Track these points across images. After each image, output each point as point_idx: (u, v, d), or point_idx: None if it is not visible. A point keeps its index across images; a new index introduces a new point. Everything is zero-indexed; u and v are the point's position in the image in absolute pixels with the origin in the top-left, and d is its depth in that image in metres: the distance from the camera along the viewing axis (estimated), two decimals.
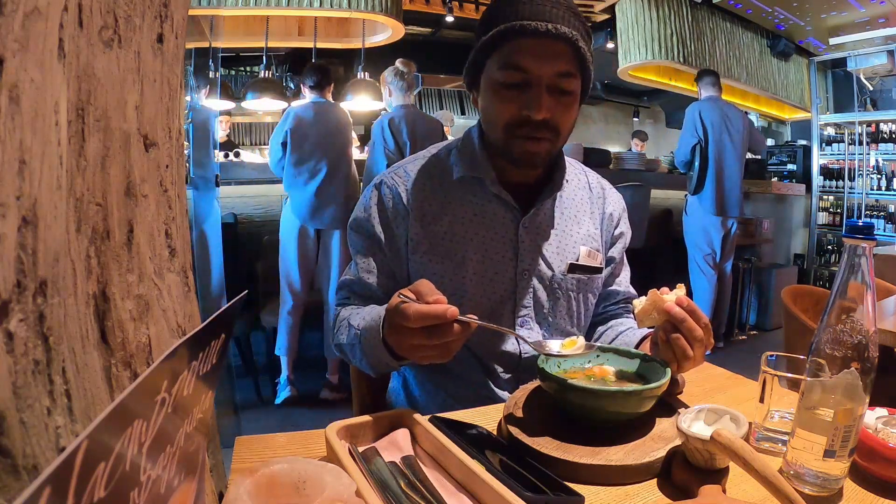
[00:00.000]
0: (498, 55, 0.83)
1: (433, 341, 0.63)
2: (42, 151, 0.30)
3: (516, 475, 0.53)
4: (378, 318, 0.73)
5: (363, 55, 3.68)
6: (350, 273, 0.94)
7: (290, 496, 0.44)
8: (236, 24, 3.55)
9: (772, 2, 4.42)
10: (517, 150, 0.85)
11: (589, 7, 4.86)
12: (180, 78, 0.51)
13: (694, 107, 3.38)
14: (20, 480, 0.27)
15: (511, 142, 0.85)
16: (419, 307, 0.62)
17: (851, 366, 0.52)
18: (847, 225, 0.55)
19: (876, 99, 5.17)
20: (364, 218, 0.92)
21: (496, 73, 0.83)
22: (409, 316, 0.62)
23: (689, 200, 3.52)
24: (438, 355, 0.65)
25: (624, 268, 1.04)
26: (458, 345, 0.65)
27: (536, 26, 0.78)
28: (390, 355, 0.72)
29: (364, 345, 0.77)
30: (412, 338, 0.64)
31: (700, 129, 3.31)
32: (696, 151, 3.34)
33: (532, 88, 0.81)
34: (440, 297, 0.63)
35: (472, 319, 0.63)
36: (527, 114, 0.81)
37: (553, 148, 0.86)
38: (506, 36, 0.80)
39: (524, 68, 0.81)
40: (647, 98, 7.27)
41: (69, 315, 0.33)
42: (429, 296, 0.64)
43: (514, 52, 0.81)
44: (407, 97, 2.73)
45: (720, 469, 0.56)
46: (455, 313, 0.61)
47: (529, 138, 0.83)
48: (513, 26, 0.79)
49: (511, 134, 0.84)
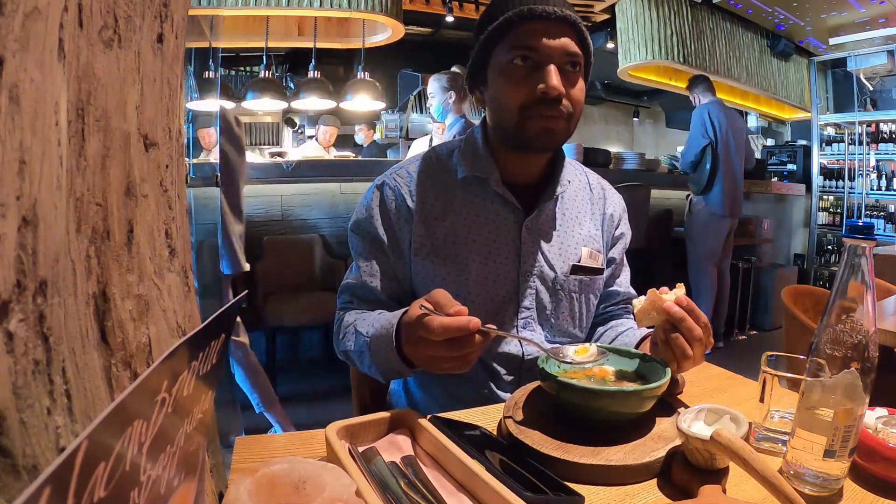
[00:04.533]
0: (506, 41, 0.84)
1: (454, 353, 0.62)
2: (42, 151, 0.30)
3: (516, 475, 0.53)
4: (390, 327, 0.73)
5: (363, 55, 3.68)
6: (352, 276, 0.93)
7: (290, 496, 0.44)
8: (236, 24, 3.55)
9: (772, 2, 4.42)
10: (534, 129, 0.84)
11: (589, 7, 4.86)
12: (180, 78, 0.51)
13: (702, 109, 3.42)
14: (20, 480, 0.27)
15: (526, 123, 0.84)
16: (443, 320, 0.61)
17: (851, 366, 0.52)
18: (847, 225, 0.55)
19: (876, 99, 5.16)
20: (366, 219, 0.92)
21: (506, 55, 0.84)
22: (434, 329, 0.61)
23: (693, 200, 3.53)
24: (458, 366, 0.64)
25: (624, 269, 1.04)
26: (478, 355, 0.64)
27: (544, 9, 0.81)
28: (404, 363, 0.72)
29: (374, 353, 0.77)
30: (433, 350, 0.64)
31: (711, 130, 3.35)
32: (707, 152, 3.37)
33: (544, 67, 0.82)
34: (461, 308, 0.63)
35: (493, 330, 0.63)
36: (542, 88, 0.81)
37: (567, 128, 0.86)
38: (514, 21, 0.82)
39: (535, 48, 0.82)
40: (647, 98, 7.27)
41: (69, 315, 0.33)
42: (448, 307, 0.63)
43: (524, 35, 0.82)
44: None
45: (720, 469, 0.56)
46: (477, 325, 0.61)
47: (545, 116, 0.83)
48: (521, 10, 0.81)
49: (526, 115, 0.84)
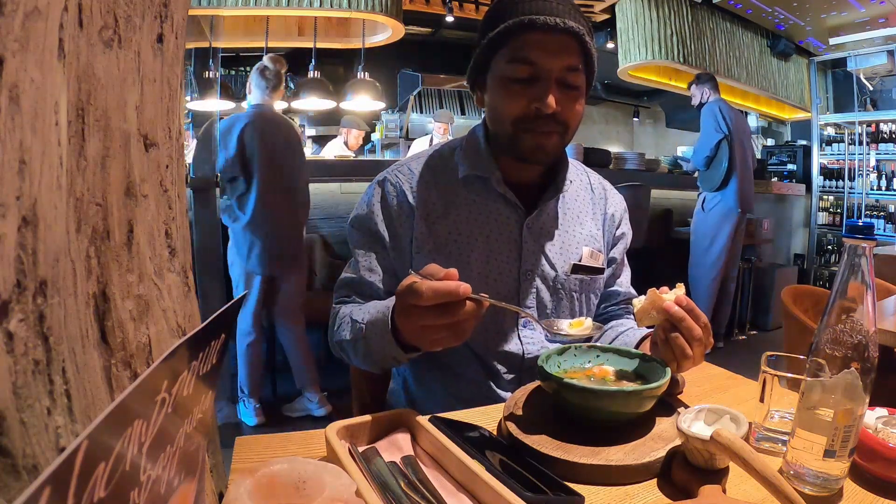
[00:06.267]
0: (506, 50, 0.83)
1: (445, 320, 0.61)
2: (42, 151, 0.30)
3: (516, 475, 0.53)
4: (385, 310, 0.72)
5: (363, 55, 3.68)
6: (350, 271, 0.92)
7: (290, 496, 0.44)
8: (236, 24, 3.55)
9: (772, 2, 4.42)
10: (527, 144, 0.84)
11: (589, 7, 4.87)
12: (180, 78, 0.51)
13: (713, 105, 3.35)
14: (20, 480, 0.27)
15: (520, 136, 0.84)
16: (433, 284, 0.61)
17: (851, 366, 0.52)
18: (847, 225, 0.55)
19: (876, 99, 5.16)
20: (366, 215, 0.91)
21: (504, 67, 0.83)
22: (422, 293, 0.61)
23: (706, 197, 3.45)
24: (451, 337, 0.63)
25: (624, 268, 1.05)
26: (471, 325, 0.63)
27: (545, 20, 0.79)
28: (399, 347, 0.71)
29: (369, 338, 0.77)
30: (424, 318, 0.63)
31: (724, 124, 3.29)
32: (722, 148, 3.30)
33: (541, 82, 0.81)
34: (451, 272, 0.62)
35: (484, 298, 0.63)
36: (537, 107, 0.81)
37: (562, 142, 0.86)
38: (514, 31, 0.81)
39: (533, 62, 0.81)
40: (647, 98, 7.26)
41: (69, 315, 0.33)
42: (438, 273, 0.63)
43: (523, 46, 0.81)
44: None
45: (720, 469, 0.56)
46: (468, 290, 0.60)
47: (539, 132, 0.83)
48: (522, 20, 0.80)
49: (520, 128, 0.84)
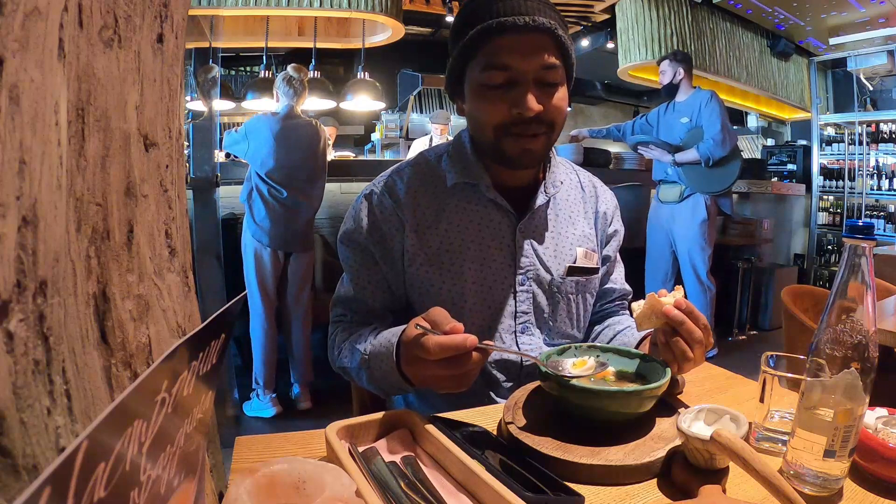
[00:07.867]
0: (479, 57, 0.81)
1: (453, 371, 0.62)
2: (42, 151, 0.30)
3: (516, 475, 0.53)
4: (389, 345, 0.72)
5: (363, 55, 3.68)
6: (343, 288, 0.91)
7: (290, 496, 0.44)
8: (236, 24, 3.55)
9: (772, 2, 4.42)
10: (512, 150, 0.83)
11: (589, 7, 4.87)
12: (180, 78, 0.51)
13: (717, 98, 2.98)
14: (20, 480, 0.27)
15: (504, 142, 0.82)
16: (439, 339, 0.61)
17: (851, 366, 0.52)
18: (847, 225, 0.55)
19: (876, 99, 5.17)
20: (355, 230, 0.89)
21: (480, 75, 0.81)
22: (430, 349, 0.61)
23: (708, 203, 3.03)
24: (458, 385, 0.64)
25: (618, 265, 1.04)
26: (477, 373, 0.64)
27: (514, 21, 0.77)
28: (407, 383, 0.71)
29: (374, 371, 0.76)
30: (432, 369, 0.63)
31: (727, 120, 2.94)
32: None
33: (519, 86, 0.79)
34: (457, 325, 0.62)
35: (490, 346, 0.63)
36: (518, 112, 0.79)
37: (549, 143, 0.85)
38: (484, 36, 0.79)
39: (508, 66, 0.79)
40: (647, 98, 7.26)
41: (69, 315, 0.33)
42: (444, 324, 0.63)
43: (496, 52, 0.79)
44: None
45: (720, 469, 0.56)
46: (474, 342, 0.60)
47: (523, 136, 0.82)
48: (490, 25, 0.78)
49: (503, 134, 0.82)
